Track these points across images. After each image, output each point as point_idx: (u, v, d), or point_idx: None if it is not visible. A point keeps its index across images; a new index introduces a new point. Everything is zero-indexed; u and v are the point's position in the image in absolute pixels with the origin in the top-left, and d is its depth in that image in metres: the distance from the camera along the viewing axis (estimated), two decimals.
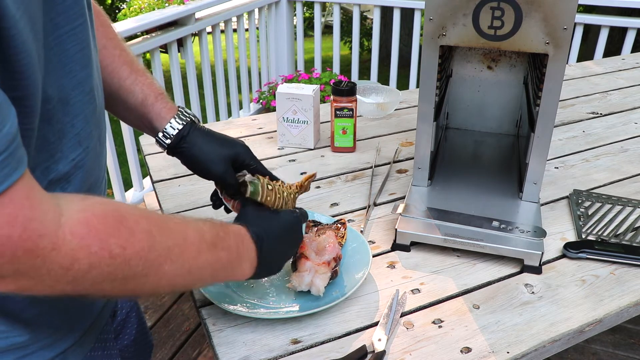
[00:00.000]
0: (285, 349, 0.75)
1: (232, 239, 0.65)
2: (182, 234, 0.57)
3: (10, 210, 0.42)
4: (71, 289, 0.48)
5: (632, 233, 0.99)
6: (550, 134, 0.93)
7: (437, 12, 0.87)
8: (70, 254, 0.46)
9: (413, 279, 0.89)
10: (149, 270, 0.52)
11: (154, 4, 3.57)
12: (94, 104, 0.63)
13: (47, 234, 0.44)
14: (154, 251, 0.53)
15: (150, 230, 0.53)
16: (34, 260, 0.44)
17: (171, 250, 0.55)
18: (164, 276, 0.55)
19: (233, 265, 0.65)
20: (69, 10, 0.56)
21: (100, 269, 0.48)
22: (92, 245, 0.47)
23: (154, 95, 0.78)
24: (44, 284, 0.46)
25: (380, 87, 1.57)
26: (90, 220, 0.48)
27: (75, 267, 0.46)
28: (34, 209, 0.44)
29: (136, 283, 0.52)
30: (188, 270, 0.57)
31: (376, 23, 3.59)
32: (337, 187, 1.16)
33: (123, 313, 0.89)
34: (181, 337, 2.01)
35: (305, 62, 4.00)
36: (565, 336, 0.78)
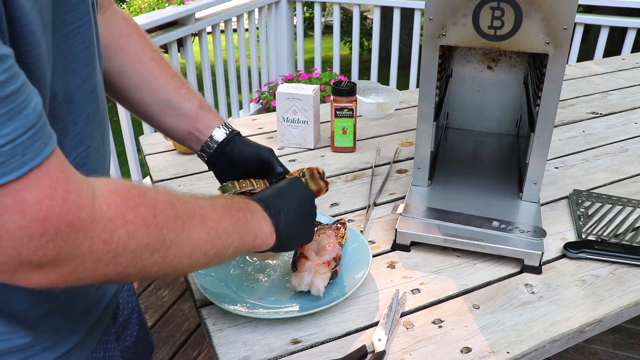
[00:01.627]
0: (285, 349, 0.75)
1: (240, 202, 0.66)
2: (197, 204, 0.58)
3: (49, 183, 0.42)
4: (112, 270, 0.48)
5: (632, 233, 0.99)
6: (550, 134, 0.93)
7: (437, 12, 0.87)
8: (108, 225, 0.46)
9: (413, 279, 0.89)
10: (181, 238, 0.53)
11: (154, 4, 3.56)
12: (96, 103, 0.64)
13: (85, 205, 0.44)
14: (179, 219, 0.53)
15: (171, 201, 0.54)
16: (76, 235, 0.43)
17: (193, 218, 0.55)
18: (197, 243, 0.55)
19: (253, 224, 0.65)
20: (75, 9, 0.56)
21: (138, 239, 0.48)
22: (127, 214, 0.47)
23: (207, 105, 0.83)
24: (85, 266, 0.46)
25: (380, 87, 1.57)
26: (120, 191, 0.48)
27: (115, 238, 0.46)
28: (70, 181, 0.44)
29: (174, 254, 0.53)
30: (216, 234, 0.58)
31: (376, 23, 3.59)
32: (337, 187, 1.16)
33: (125, 314, 0.89)
34: (181, 337, 2.01)
35: (305, 62, 4.00)
36: (565, 336, 0.78)
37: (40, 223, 0.41)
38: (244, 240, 0.63)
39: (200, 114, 0.82)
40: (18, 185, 0.40)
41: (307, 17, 6.70)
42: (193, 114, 0.81)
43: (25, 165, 0.40)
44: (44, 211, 0.41)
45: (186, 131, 0.82)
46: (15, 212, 0.40)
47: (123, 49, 0.79)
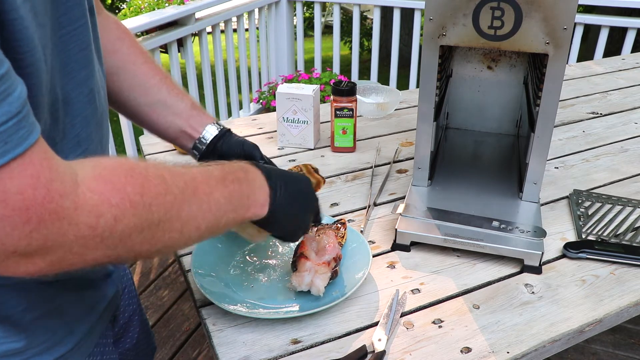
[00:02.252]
0: (285, 349, 0.75)
1: (238, 170, 0.65)
2: (190, 174, 0.57)
3: (32, 172, 0.42)
4: (102, 253, 0.47)
5: (632, 233, 0.99)
6: (550, 134, 0.93)
7: (437, 12, 0.87)
8: (93, 210, 0.45)
9: (413, 279, 0.89)
10: (171, 214, 0.52)
11: (154, 4, 3.57)
12: (94, 106, 0.63)
13: (68, 193, 0.44)
14: (170, 194, 0.52)
15: (162, 175, 0.53)
16: (60, 223, 0.43)
17: (185, 191, 0.55)
18: (187, 218, 0.54)
19: (248, 195, 0.64)
20: (71, 11, 0.57)
21: (126, 221, 0.48)
22: (112, 197, 0.47)
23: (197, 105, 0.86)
24: (73, 252, 0.45)
25: (380, 87, 1.57)
26: (104, 175, 0.48)
27: (101, 223, 0.46)
28: (53, 170, 0.44)
29: (163, 231, 0.52)
30: (207, 207, 0.57)
31: (376, 23, 3.59)
32: (337, 187, 1.16)
33: (125, 317, 0.88)
34: (181, 337, 2.01)
35: (305, 62, 3.99)
36: (565, 336, 0.78)
37: (22, 212, 0.41)
38: (237, 212, 0.63)
39: (193, 112, 0.84)
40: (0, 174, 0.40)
41: (307, 17, 6.70)
42: (186, 113, 0.84)
43: (7, 153, 0.40)
44: (27, 200, 0.41)
45: (179, 130, 0.84)
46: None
47: (117, 51, 0.81)
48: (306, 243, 0.84)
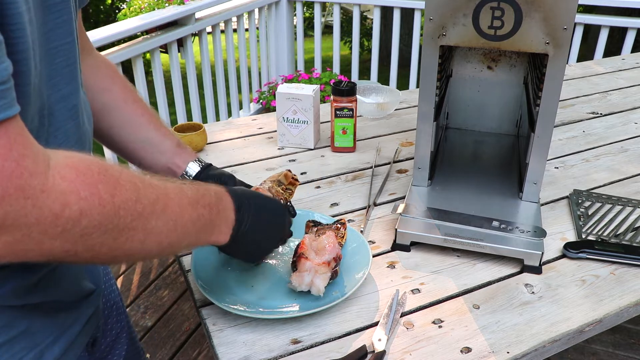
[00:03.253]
0: (285, 349, 0.75)
1: (212, 196, 0.65)
2: (164, 189, 0.57)
3: (4, 143, 0.41)
4: (60, 245, 0.46)
5: (632, 233, 0.99)
6: (550, 134, 0.93)
7: (437, 12, 0.87)
8: (60, 198, 0.44)
9: (413, 279, 0.89)
10: (137, 224, 0.52)
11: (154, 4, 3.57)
12: (76, 121, 0.64)
13: (38, 173, 0.43)
14: (140, 203, 0.52)
15: (134, 182, 0.52)
16: (24, 202, 0.42)
17: (156, 204, 0.54)
18: (152, 231, 0.54)
19: (214, 224, 0.65)
20: (59, 28, 0.58)
21: (91, 217, 0.47)
22: (82, 190, 0.46)
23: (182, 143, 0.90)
24: (31, 237, 0.44)
25: (380, 87, 1.57)
26: (78, 166, 0.47)
27: (66, 213, 0.45)
28: (26, 147, 0.43)
29: (125, 238, 0.51)
30: (173, 226, 0.57)
31: (376, 23, 3.59)
32: (337, 187, 1.16)
33: (113, 334, 0.87)
34: (181, 337, 2.01)
35: (305, 62, 3.99)
36: (565, 336, 0.78)
37: None
38: (200, 236, 0.63)
39: (178, 150, 0.89)
40: None
41: (307, 17, 6.70)
42: (171, 152, 0.88)
43: None
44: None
45: (165, 167, 0.88)
46: None
47: (108, 90, 0.84)
48: (306, 243, 0.84)
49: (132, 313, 2.11)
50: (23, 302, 0.60)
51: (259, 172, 1.22)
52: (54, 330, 0.65)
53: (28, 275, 0.60)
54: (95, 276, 0.75)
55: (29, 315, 0.61)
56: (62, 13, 0.58)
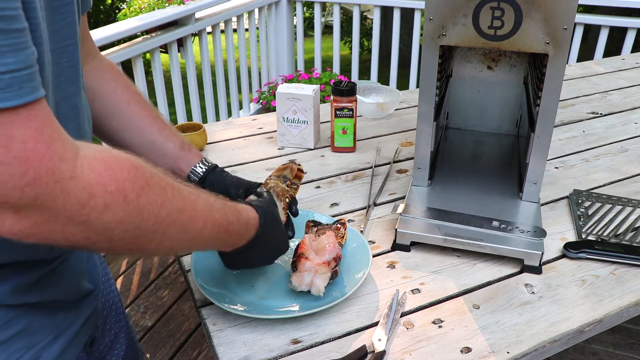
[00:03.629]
0: (285, 349, 0.75)
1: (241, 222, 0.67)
2: (193, 202, 0.58)
3: (37, 125, 0.42)
4: (82, 234, 0.47)
5: (632, 233, 0.99)
6: (550, 134, 0.93)
7: (437, 12, 0.87)
8: (87, 187, 0.45)
9: (413, 279, 0.89)
10: (158, 227, 0.52)
11: (154, 4, 3.57)
12: (77, 121, 0.64)
13: (67, 159, 0.44)
14: (164, 209, 0.52)
15: (163, 187, 0.53)
16: (53, 186, 0.43)
17: (181, 214, 0.55)
18: (169, 238, 0.55)
19: (227, 244, 0.67)
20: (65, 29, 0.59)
21: (114, 212, 0.47)
22: (109, 184, 0.47)
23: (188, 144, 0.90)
24: (57, 221, 0.45)
25: (380, 87, 1.57)
26: (108, 161, 0.48)
27: (91, 203, 0.46)
28: (56, 131, 0.44)
29: (144, 238, 0.52)
30: (190, 239, 0.58)
31: (376, 23, 3.59)
32: (337, 187, 1.16)
33: (112, 334, 0.87)
34: (181, 337, 2.01)
35: (305, 62, 3.99)
36: (565, 336, 0.78)
37: (22, 163, 0.41)
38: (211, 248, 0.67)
39: (182, 153, 0.88)
40: (9, 117, 0.41)
41: (307, 17, 6.70)
42: (175, 154, 0.87)
43: (20, 97, 0.41)
44: (28, 151, 0.41)
45: (169, 170, 0.87)
46: (1, 145, 0.41)
47: (112, 93, 0.84)
48: (306, 243, 0.84)
49: (132, 313, 2.11)
50: (22, 301, 0.60)
51: (259, 172, 1.22)
52: (52, 329, 0.65)
53: (27, 274, 0.60)
54: (94, 276, 0.75)
55: (27, 315, 0.61)
56: (67, 15, 0.59)
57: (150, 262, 2.39)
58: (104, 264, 0.86)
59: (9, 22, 0.40)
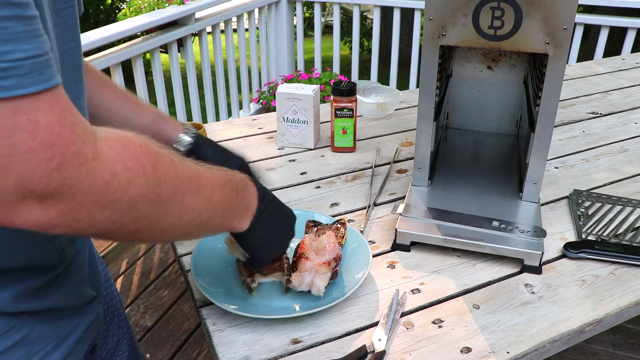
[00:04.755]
0: (285, 349, 0.75)
1: (239, 181, 0.68)
2: (196, 169, 0.59)
3: (59, 109, 0.43)
4: (108, 216, 0.47)
5: (632, 233, 0.99)
6: (550, 134, 0.93)
7: (437, 12, 0.87)
8: (109, 166, 0.46)
9: (413, 279, 0.89)
10: (175, 197, 0.54)
11: (154, 4, 3.57)
12: None
13: (89, 141, 0.45)
14: (178, 177, 0.54)
15: (171, 158, 0.55)
16: (79, 169, 0.43)
17: (191, 181, 0.56)
18: (187, 207, 0.56)
19: (238, 208, 0.67)
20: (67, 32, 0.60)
21: (137, 187, 0.48)
22: (128, 160, 0.48)
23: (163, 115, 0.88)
24: (84, 207, 0.45)
25: (380, 87, 1.57)
26: (122, 139, 0.49)
27: (115, 181, 0.46)
28: (76, 115, 0.45)
29: (165, 211, 0.53)
30: (205, 204, 0.59)
31: (376, 23, 3.59)
32: (337, 187, 1.16)
33: (114, 340, 0.86)
34: (181, 337, 2.01)
35: (305, 62, 3.99)
36: (565, 336, 0.78)
37: (48, 148, 0.42)
38: (225, 218, 0.65)
39: (158, 126, 0.86)
40: (33, 103, 0.41)
41: (307, 17, 6.70)
42: (152, 128, 0.86)
43: (42, 83, 0.41)
44: (54, 136, 0.42)
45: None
46: (28, 131, 0.41)
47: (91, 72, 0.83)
48: (306, 243, 0.84)
49: (132, 313, 2.11)
50: (23, 308, 0.59)
51: (259, 172, 1.22)
52: (53, 338, 0.64)
53: (30, 280, 0.59)
54: (96, 282, 0.74)
55: (27, 323, 0.60)
56: (68, 18, 0.60)
57: (150, 262, 2.39)
58: (105, 269, 0.86)
59: (24, 8, 0.41)
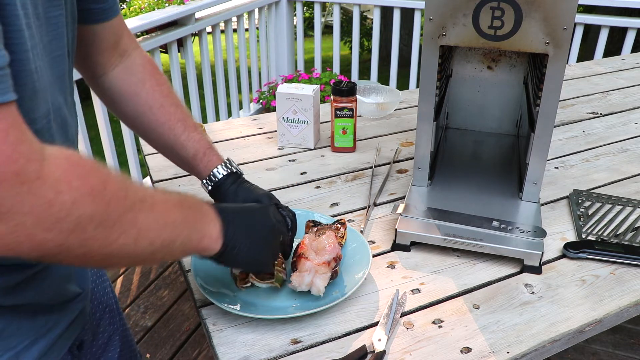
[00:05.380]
0: (285, 349, 0.75)
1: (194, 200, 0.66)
2: (150, 192, 0.58)
3: (3, 126, 0.42)
4: (53, 238, 0.46)
5: (632, 233, 0.99)
6: (550, 134, 0.93)
7: (437, 12, 0.87)
8: (54, 185, 0.44)
9: (413, 279, 0.89)
10: (127, 217, 0.52)
11: (154, 4, 3.56)
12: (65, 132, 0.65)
13: (34, 159, 0.43)
14: (129, 199, 0.52)
15: (123, 180, 0.53)
16: (20, 188, 0.42)
17: (143, 202, 0.55)
18: (143, 229, 0.54)
19: (202, 225, 0.64)
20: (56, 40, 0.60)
21: (83, 207, 0.47)
22: (74, 179, 0.46)
23: (202, 150, 0.88)
24: (25, 228, 0.44)
25: (380, 87, 1.57)
26: (71, 158, 0.48)
27: (59, 200, 0.45)
28: (23, 133, 0.43)
29: (118, 233, 0.51)
30: (164, 224, 0.57)
31: (376, 23, 3.59)
32: (337, 187, 1.16)
33: (105, 336, 0.87)
34: (181, 337, 2.01)
35: (305, 62, 3.99)
36: (565, 336, 0.78)
37: None
38: (191, 237, 0.62)
39: (194, 163, 0.88)
40: None
41: (307, 17, 6.70)
42: (190, 163, 0.89)
43: None
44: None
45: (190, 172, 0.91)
46: None
47: (137, 95, 0.86)
48: (306, 243, 0.84)
49: (132, 313, 2.11)
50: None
51: (259, 172, 1.22)
52: (31, 333, 0.63)
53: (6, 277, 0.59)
54: (82, 279, 0.74)
55: (4, 318, 0.60)
56: (57, 26, 0.60)
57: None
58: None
59: None
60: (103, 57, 0.83)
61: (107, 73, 0.85)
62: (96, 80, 0.86)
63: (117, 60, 0.85)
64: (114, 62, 0.85)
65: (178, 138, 0.87)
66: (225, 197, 0.86)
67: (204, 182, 0.88)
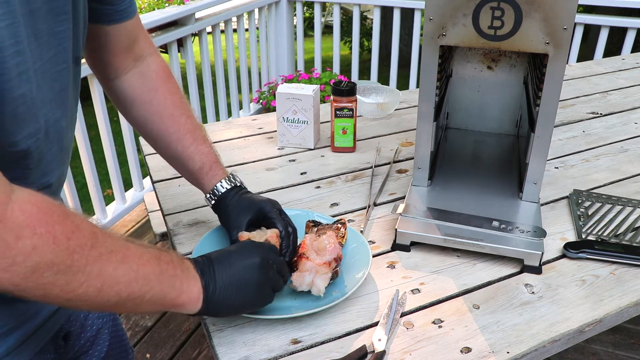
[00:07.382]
0: (285, 349, 0.75)
1: (173, 255, 0.64)
2: (124, 244, 0.57)
3: None
4: (9, 279, 0.46)
5: (632, 233, 0.99)
6: (550, 134, 0.93)
7: (437, 12, 0.87)
8: (15, 229, 0.45)
9: (413, 279, 0.89)
10: (92, 269, 0.51)
11: (154, 4, 3.56)
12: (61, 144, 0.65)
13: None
14: (96, 250, 0.52)
15: (94, 231, 0.53)
16: None
17: (114, 254, 0.54)
18: (109, 280, 0.53)
19: (180, 280, 0.62)
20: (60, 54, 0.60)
21: (43, 255, 0.47)
22: (38, 226, 0.46)
23: (209, 164, 0.89)
24: None
25: (380, 87, 1.57)
26: (40, 205, 0.48)
27: (19, 245, 0.45)
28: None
29: (79, 282, 0.51)
30: (134, 278, 0.56)
31: (376, 23, 3.59)
32: (337, 187, 1.16)
33: (93, 329, 0.87)
34: (181, 337, 2.01)
35: (305, 62, 3.99)
36: (565, 336, 0.78)
37: None
38: (165, 292, 0.60)
39: (199, 176, 0.89)
40: None
41: (307, 17, 6.70)
42: (194, 175, 0.90)
43: None
44: None
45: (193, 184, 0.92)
46: None
47: (148, 102, 0.86)
48: (307, 243, 0.84)
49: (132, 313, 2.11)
50: None
51: (259, 172, 1.22)
52: (7, 321, 0.63)
53: None
54: None
55: None
56: (62, 40, 0.60)
57: None
58: None
59: None
60: (116, 60, 0.83)
61: (119, 77, 0.85)
62: (109, 83, 0.86)
63: (131, 64, 0.84)
64: (128, 66, 0.84)
65: (186, 150, 0.87)
66: (227, 209, 0.86)
67: (207, 196, 0.88)
